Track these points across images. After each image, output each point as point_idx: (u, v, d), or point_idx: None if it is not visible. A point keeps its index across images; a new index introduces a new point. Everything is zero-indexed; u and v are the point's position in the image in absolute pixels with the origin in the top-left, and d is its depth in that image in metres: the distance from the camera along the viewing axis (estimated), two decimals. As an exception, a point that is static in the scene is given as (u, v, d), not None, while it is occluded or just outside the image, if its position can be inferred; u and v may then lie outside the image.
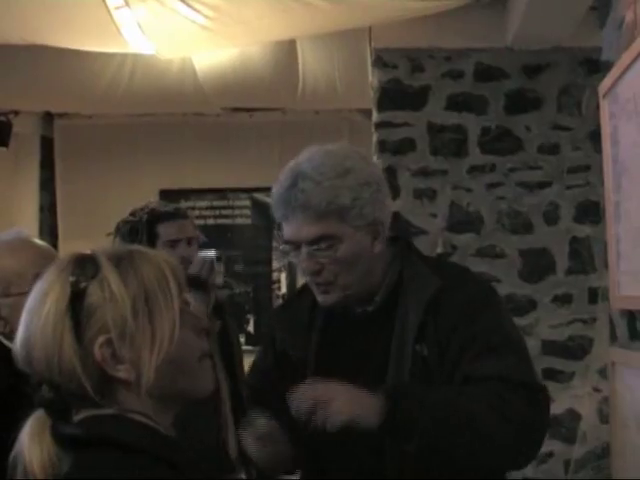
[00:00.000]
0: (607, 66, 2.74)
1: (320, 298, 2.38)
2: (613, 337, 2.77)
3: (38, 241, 2.77)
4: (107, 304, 1.48)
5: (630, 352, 2.57)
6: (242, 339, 6.69)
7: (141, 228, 3.75)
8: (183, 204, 7.07)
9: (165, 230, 3.79)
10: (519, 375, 2.27)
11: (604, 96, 2.75)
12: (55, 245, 6.90)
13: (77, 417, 1.51)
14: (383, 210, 2.35)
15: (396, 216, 2.51)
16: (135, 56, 5.57)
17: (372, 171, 2.38)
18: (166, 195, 7.03)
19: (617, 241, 2.70)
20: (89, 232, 7.13)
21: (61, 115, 7.28)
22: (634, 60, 2.36)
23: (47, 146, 7.35)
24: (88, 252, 1.56)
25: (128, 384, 1.50)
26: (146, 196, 7.13)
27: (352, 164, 2.32)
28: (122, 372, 1.49)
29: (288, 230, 2.32)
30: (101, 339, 1.48)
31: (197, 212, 7.09)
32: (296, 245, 2.31)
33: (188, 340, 1.54)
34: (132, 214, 3.88)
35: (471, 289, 2.44)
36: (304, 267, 2.32)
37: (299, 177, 2.28)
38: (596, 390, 4.81)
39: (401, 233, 2.54)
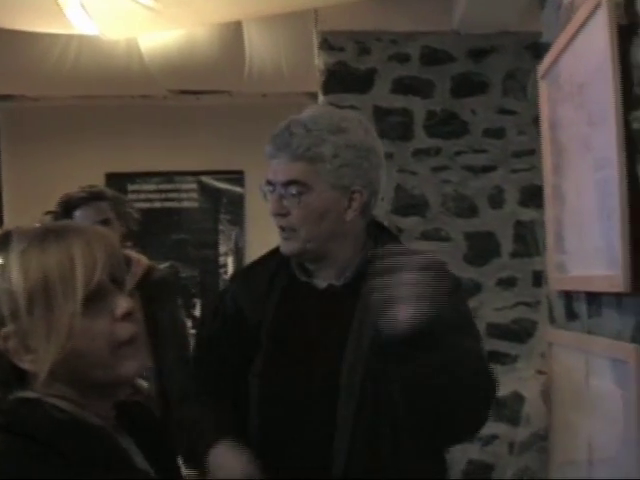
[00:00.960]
0: (547, 48, 2.75)
1: (282, 245, 2.43)
2: (552, 318, 2.80)
3: None
4: (4, 296, 1.45)
5: (567, 332, 2.60)
6: (189, 323, 6.69)
7: (59, 217, 3.76)
8: (130, 187, 7.05)
9: (80, 215, 3.83)
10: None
11: (542, 78, 2.76)
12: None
13: (12, 397, 1.49)
14: (365, 180, 2.37)
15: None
16: (81, 37, 5.51)
17: (366, 140, 2.40)
18: (112, 178, 6.99)
19: (556, 223, 2.72)
20: (36, 216, 7.08)
21: (6, 97, 7.18)
22: (570, 41, 2.37)
23: (-8, 129, 7.27)
24: (9, 230, 1.53)
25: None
26: (93, 180, 7.10)
27: (348, 126, 2.37)
28: (27, 363, 1.46)
29: (270, 170, 2.39)
30: (4, 330, 1.46)
31: (144, 195, 7.06)
32: (273, 186, 2.37)
33: (100, 329, 1.49)
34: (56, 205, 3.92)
35: (439, 273, 2.46)
36: (272, 208, 2.38)
37: (294, 122, 2.37)
38: (540, 372, 4.84)
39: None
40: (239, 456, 2.26)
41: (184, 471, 2.29)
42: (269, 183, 2.39)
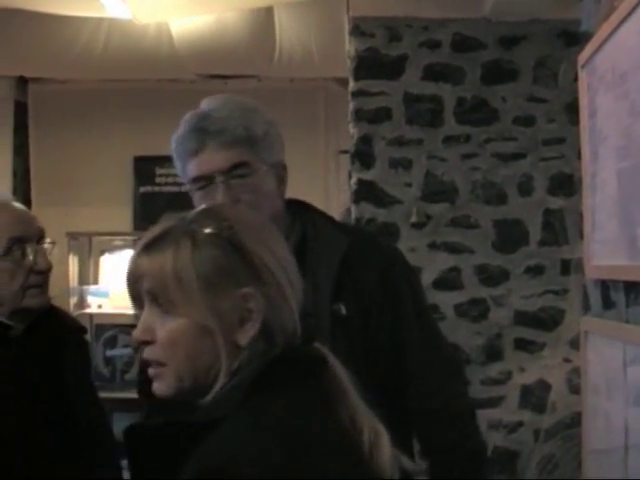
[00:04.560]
0: (586, 37, 2.76)
1: None
2: (586, 307, 2.81)
3: (17, 205, 2.72)
4: None
5: (603, 321, 2.61)
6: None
7: None
8: (158, 171, 7.08)
9: None
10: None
11: (582, 67, 2.76)
12: (28, 210, 6.86)
13: None
14: (283, 155, 2.36)
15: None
16: (110, 20, 5.54)
17: (270, 115, 2.37)
18: (141, 162, 7.03)
19: (592, 212, 2.73)
20: (63, 198, 7.13)
21: (35, 80, 7.22)
22: (613, 31, 2.37)
23: (21, 111, 7.30)
24: None
25: None
26: (120, 163, 7.15)
27: (255, 105, 2.35)
28: None
29: (201, 163, 2.26)
30: None
31: (172, 179, 7.06)
32: (208, 179, 2.25)
33: None
34: None
35: (384, 247, 2.53)
36: (222, 199, 2.23)
37: (210, 110, 2.28)
38: (566, 360, 4.86)
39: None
40: None
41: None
42: (199, 179, 2.26)
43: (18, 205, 2.70)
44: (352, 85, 5.14)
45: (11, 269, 2.53)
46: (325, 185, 6.83)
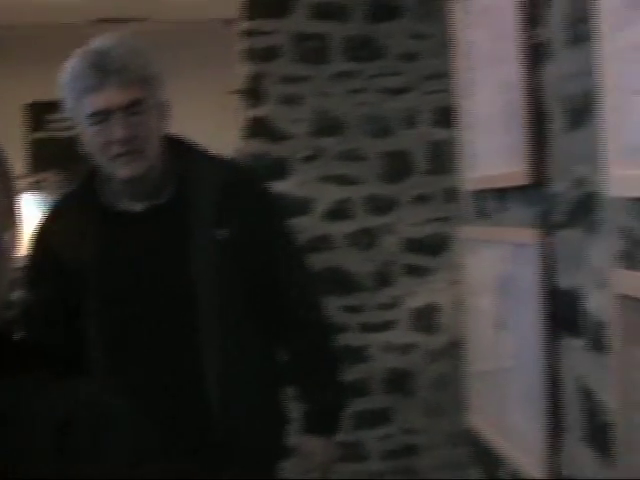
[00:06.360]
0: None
1: (126, 170, 2.39)
2: (465, 219, 3.03)
3: None
4: None
5: (475, 228, 2.84)
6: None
7: None
8: (52, 116, 7.09)
9: None
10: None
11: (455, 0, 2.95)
12: None
13: None
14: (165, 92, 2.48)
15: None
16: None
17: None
18: (33, 108, 7.03)
19: (468, 132, 2.94)
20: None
21: None
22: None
23: None
24: None
25: None
26: (11, 110, 7.15)
27: (146, 45, 2.48)
28: None
29: (99, 99, 2.35)
30: None
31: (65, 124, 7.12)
32: (105, 115, 2.35)
33: None
34: None
35: (256, 175, 2.90)
36: (118, 136, 2.34)
37: (108, 49, 2.37)
38: (454, 283, 5.08)
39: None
40: None
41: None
42: (96, 114, 2.35)
43: None
44: (242, 25, 5.23)
45: None
46: (217, 125, 6.92)
